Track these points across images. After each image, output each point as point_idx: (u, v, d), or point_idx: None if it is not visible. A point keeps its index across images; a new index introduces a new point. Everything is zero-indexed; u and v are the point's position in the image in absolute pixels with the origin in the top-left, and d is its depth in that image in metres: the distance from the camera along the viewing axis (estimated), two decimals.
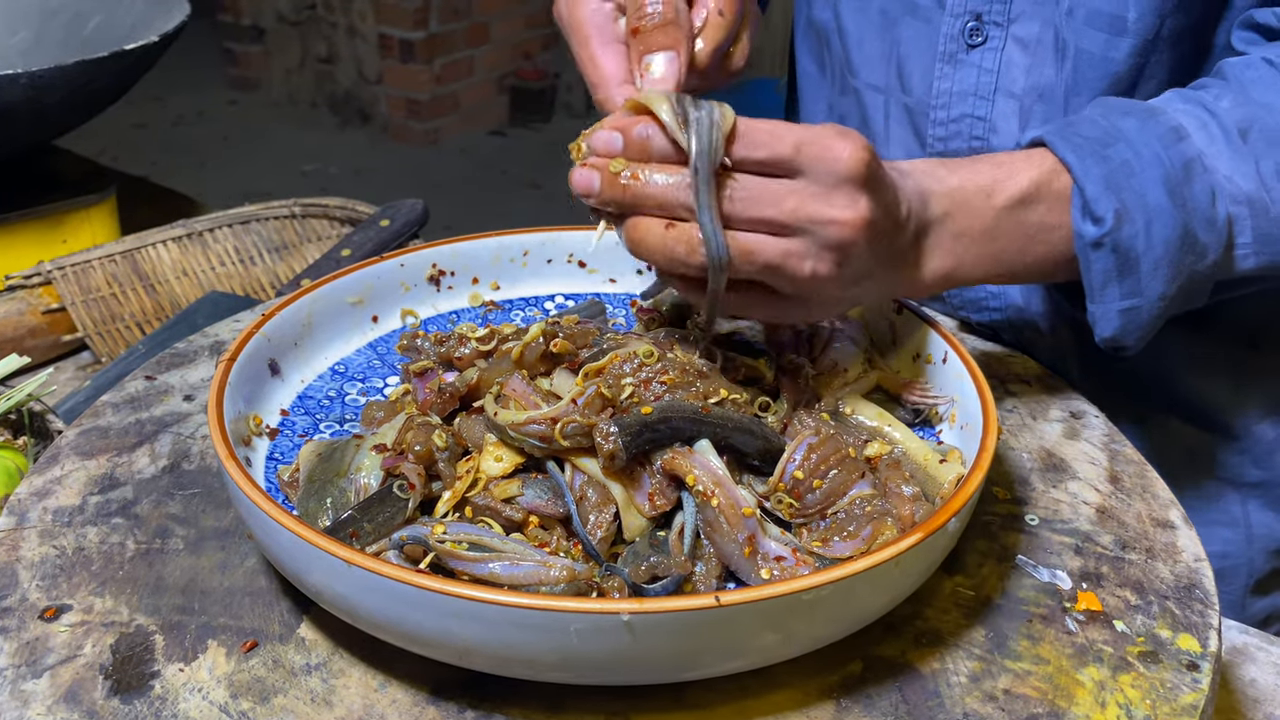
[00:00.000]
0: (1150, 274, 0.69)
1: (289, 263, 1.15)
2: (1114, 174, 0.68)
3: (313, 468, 0.64)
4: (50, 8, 1.31)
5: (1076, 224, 0.69)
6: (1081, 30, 0.78)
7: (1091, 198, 0.68)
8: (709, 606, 0.49)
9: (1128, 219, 0.68)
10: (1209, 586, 0.63)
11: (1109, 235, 0.68)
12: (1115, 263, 0.68)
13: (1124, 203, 0.68)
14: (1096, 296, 0.70)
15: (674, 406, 0.60)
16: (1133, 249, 0.68)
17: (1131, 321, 0.70)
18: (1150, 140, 0.69)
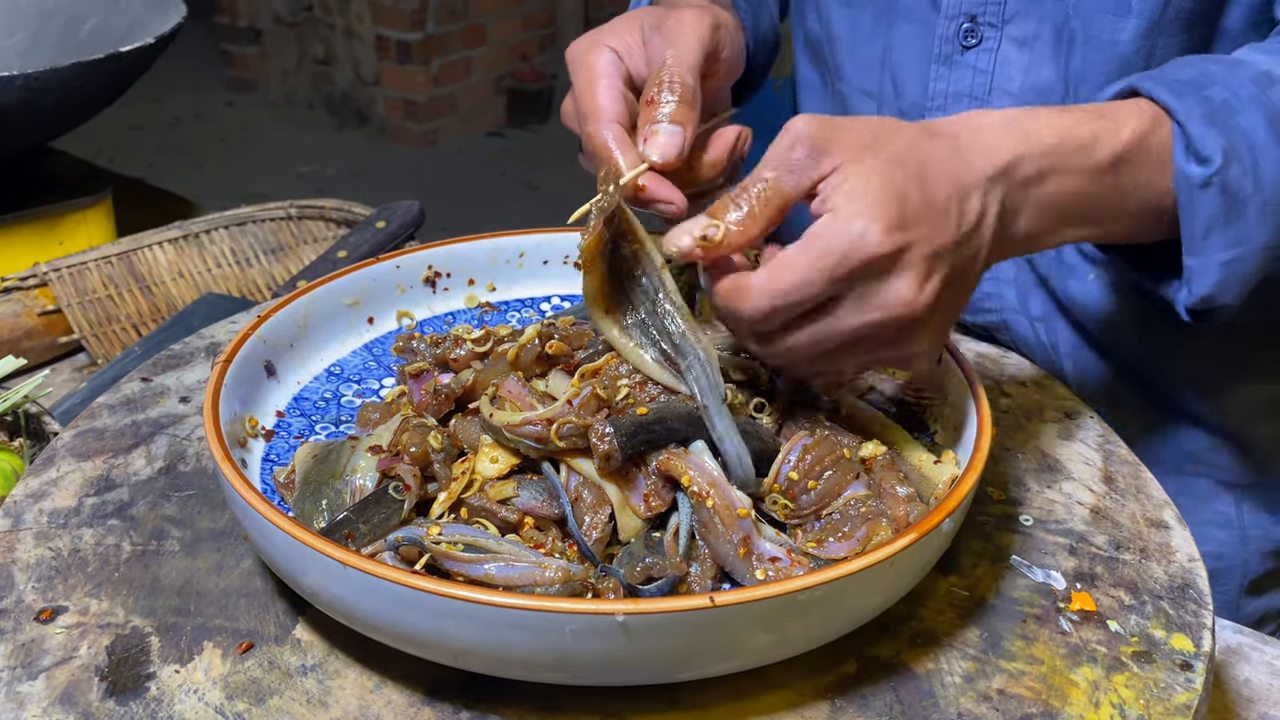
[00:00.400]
0: (1258, 219, 0.65)
1: (285, 264, 1.15)
2: (1216, 112, 0.64)
3: (308, 469, 0.64)
4: (47, 9, 1.31)
5: (1180, 166, 0.64)
6: (1090, 16, 0.78)
7: (1196, 136, 0.64)
8: (704, 607, 0.50)
9: (1235, 158, 0.64)
10: (1203, 586, 0.63)
11: (1217, 174, 0.63)
12: (1222, 206, 0.64)
13: (1230, 141, 0.64)
14: (1197, 246, 0.65)
15: (669, 408, 0.60)
16: (1241, 190, 0.64)
17: (1233, 274, 0.66)
18: (1244, 82, 0.66)
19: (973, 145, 0.60)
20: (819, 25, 0.95)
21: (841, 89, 0.93)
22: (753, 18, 0.90)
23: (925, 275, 0.56)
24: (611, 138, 0.66)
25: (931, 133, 0.59)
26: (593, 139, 0.66)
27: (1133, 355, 0.88)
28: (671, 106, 0.65)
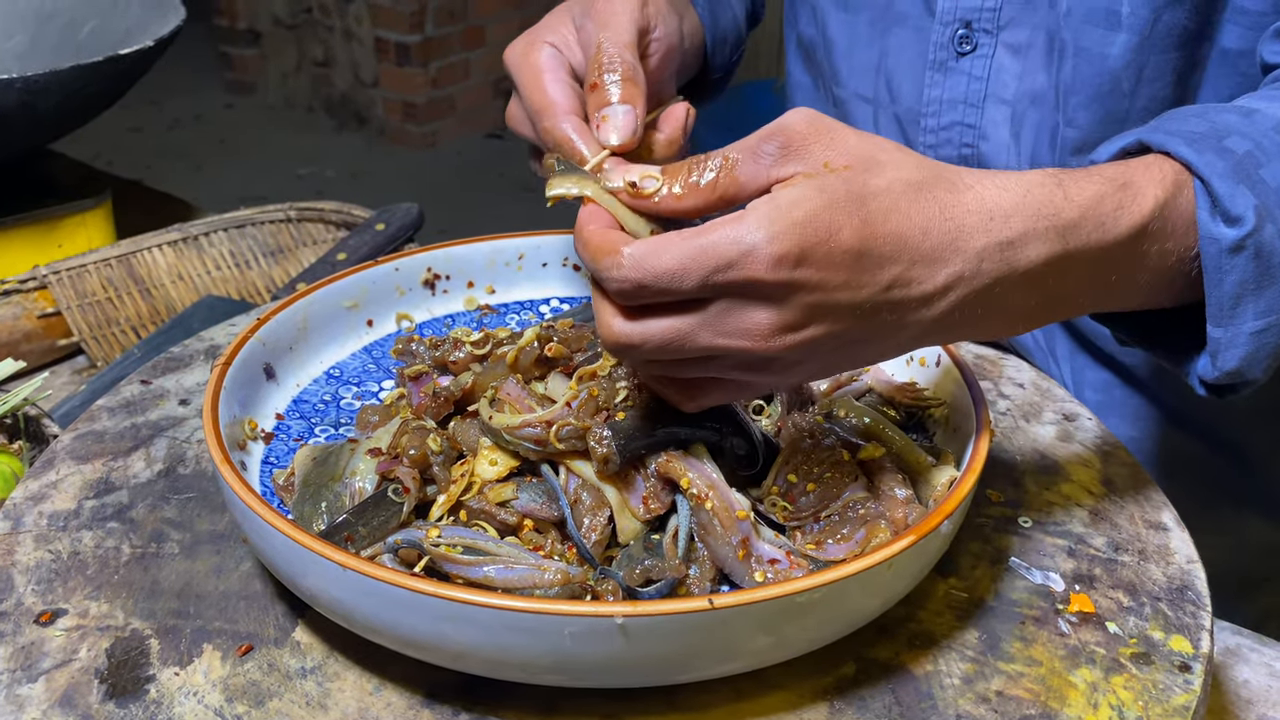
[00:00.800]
0: None
1: (284, 267, 1.15)
2: (1241, 166, 0.57)
3: (308, 472, 0.64)
4: (45, 12, 1.31)
5: (1207, 228, 0.57)
6: (1080, 28, 0.78)
7: (1223, 195, 0.57)
8: (703, 609, 0.50)
9: (1269, 217, 0.57)
10: (1201, 588, 0.63)
11: (1250, 237, 0.56)
12: (1255, 271, 0.57)
13: (1261, 199, 0.57)
14: (1225, 317, 0.58)
15: (668, 410, 0.60)
16: (1276, 253, 0.57)
17: (1263, 347, 0.59)
18: (1266, 131, 0.60)
19: (977, 207, 0.53)
20: (815, 30, 0.95)
21: (838, 93, 0.93)
22: (710, 15, 0.89)
23: (797, 323, 0.51)
24: (571, 129, 0.63)
25: (933, 184, 0.53)
26: (551, 133, 0.64)
27: (1127, 363, 0.88)
28: (617, 87, 0.63)
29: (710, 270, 0.49)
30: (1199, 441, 0.89)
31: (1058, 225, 0.54)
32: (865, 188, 0.51)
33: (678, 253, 0.50)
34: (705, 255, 0.49)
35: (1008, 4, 0.81)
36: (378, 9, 4.11)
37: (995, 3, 0.82)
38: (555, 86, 0.66)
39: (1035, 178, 0.55)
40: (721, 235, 0.49)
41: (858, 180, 0.51)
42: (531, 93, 0.67)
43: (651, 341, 0.52)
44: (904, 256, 0.51)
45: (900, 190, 0.51)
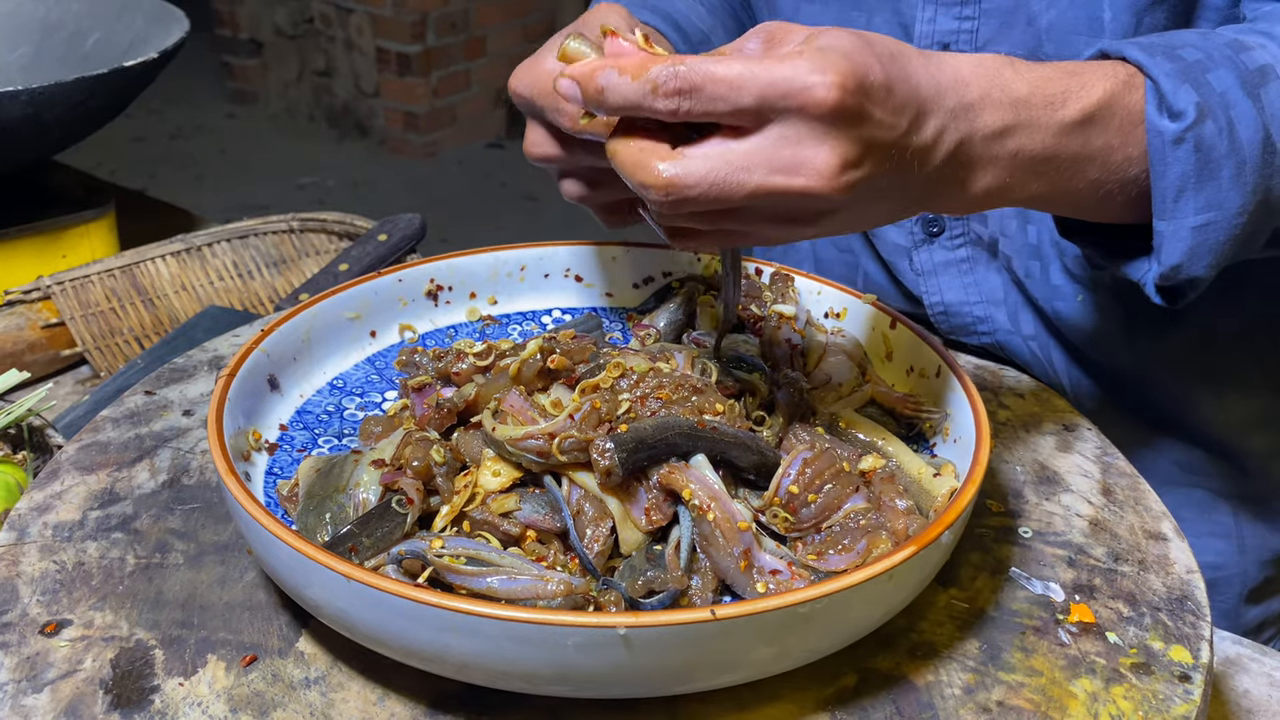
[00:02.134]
0: (1231, 181, 0.62)
1: (287, 277, 1.16)
2: (1189, 69, 0.62)
3: (312, 483, 0.64)
4: (50, 24, 1.32)
5: (1153, 120, 0.61)
6: (1064, 39, 0.78)
7: (1168, 91, 0.61)
8: (705, 620, 0.50)
9: (1210, 114, 0.61)
10: (1201, 598, 0.64)
11: (1191, 130, 0.61)
12: (1196, 164, 0.61)
13: (1204, 97, 0.61)
14: (1169, 210, 0.62)
15: (670, 423, 0.61)
16: (1215, 148, 0.61)
17: (1204, 241, 0.63)
18: (1218, 45, 0.64)
19: (943, 71, 0.56)
20: None
21: None
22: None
23: (855, 159, 0.51)
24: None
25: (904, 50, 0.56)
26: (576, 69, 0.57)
27: (1124, 371, 0.88)
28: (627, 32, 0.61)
29: (768, 84, 0.49)
30: (1194, 449, 0.89)
31: (1009, 97, 0.58)
32: (866, 35, 0.53)
33: (735, 62, 0.49)
34: (763, 71, 0.49)
35: (984, 25, 0.82)
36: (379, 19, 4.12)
37: (972, 24, 0.82)
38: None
39: (988, 57, 0.59)
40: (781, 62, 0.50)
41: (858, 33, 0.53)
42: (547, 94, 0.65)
43: (710, 176, 0.51)
44: (915, 98, 0.54)
45: (886, 49, 0.54)
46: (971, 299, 0.89)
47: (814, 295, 0.83)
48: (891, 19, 0.85)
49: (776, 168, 0.51)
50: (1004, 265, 0.88)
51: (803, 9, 0.89)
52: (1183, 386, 0.88)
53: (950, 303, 0.90)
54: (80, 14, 1.31)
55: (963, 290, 0.89)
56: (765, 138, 0.51)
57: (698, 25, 0.94)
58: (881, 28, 0.86)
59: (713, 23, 0.96)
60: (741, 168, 0.51)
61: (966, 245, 0.88)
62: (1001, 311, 0.90)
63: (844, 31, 0.53)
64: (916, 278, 0.91)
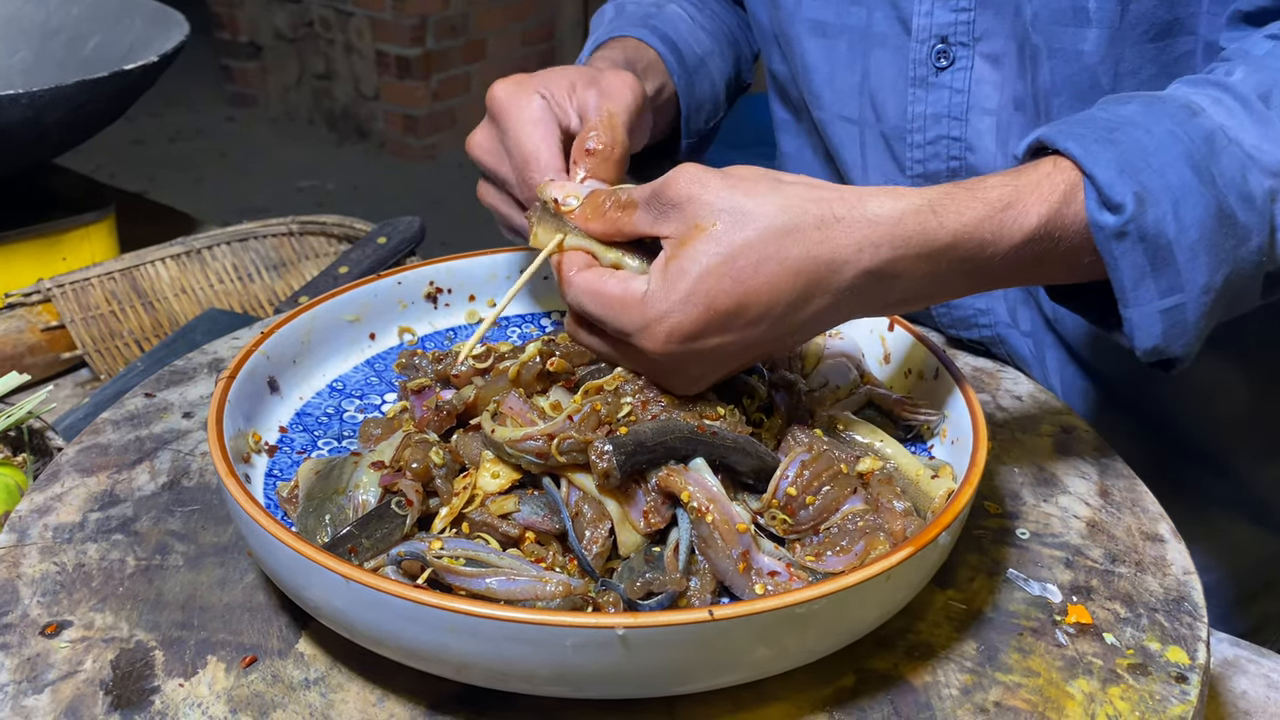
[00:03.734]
0: (1188, 263, 0.60)
1: (287, 280, 1.16)
2: (1126, 155, 0.60)
3: (311, 485, 0.64)
4: (50, 28, 1.32)
5: (1093, 217, 0.60)
6: (1050, 30, 0.78)
7: (1104, 184, 0.60)
8: (703, 620, 0.50)
9: (1151, 201, 0.60)
10: (1197, 599, 0.64)
11: (1132, 222, 0.59)
12: (1145, 254, 0.60)
13: (1143, 184, 0.60)
14: (1130, 298, 0.61)
15: (669, 426, 0.61)
16: (1162, 234, 0.60)
17: (1176, 324, 0.62)
18: (1161, 119, 0.62)
19: (847, 239, 0.57)
20: (785, 67, 0.97)
21: (820, 116, 0.94)
22: (687, 84, 0.95)
23: (699, 377, 0.62)
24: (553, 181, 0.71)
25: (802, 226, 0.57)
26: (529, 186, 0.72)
27: (1117, 374, 0.89)
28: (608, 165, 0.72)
29: (618, 328, 0.61)
30: (1187, 453, 0.89)
31: (929, 251, 0.59)
32: (733, 245, 0.57)
33: (602, 303, 0.61)
34: (617, 315, 0.61)
35: (981, 15, 0.82)
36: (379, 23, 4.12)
37: (969, 16, 0.82)
38: (546, 141, 0.72)
39: (913, 204, 0.59)
40: (630, 304, 0.60)
41: (726, 238, 0.57)
42: (521, 140, 0.73)
43: (586, 347, 0.66)
44: (780, 301, 0.58)
45: (770, 238, 0.57)
46: None
47: None
48: (890, 13, 0.85)
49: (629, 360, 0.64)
50: None
51: (804, 4, 0.90)
52: (1174, 391, 0.88)
53: None
54: (80, 18, 1.31)
55: None
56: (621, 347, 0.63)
57: (695, 50, 0.97)
58: (881, 22, 0.86)
59: (711, 47, 0.99)
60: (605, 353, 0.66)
61: None
62: (1001, 305, 0.90)
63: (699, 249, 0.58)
64: None
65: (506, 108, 0.74)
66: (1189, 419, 0.89)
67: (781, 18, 0.92)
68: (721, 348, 0.60)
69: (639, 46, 0.92)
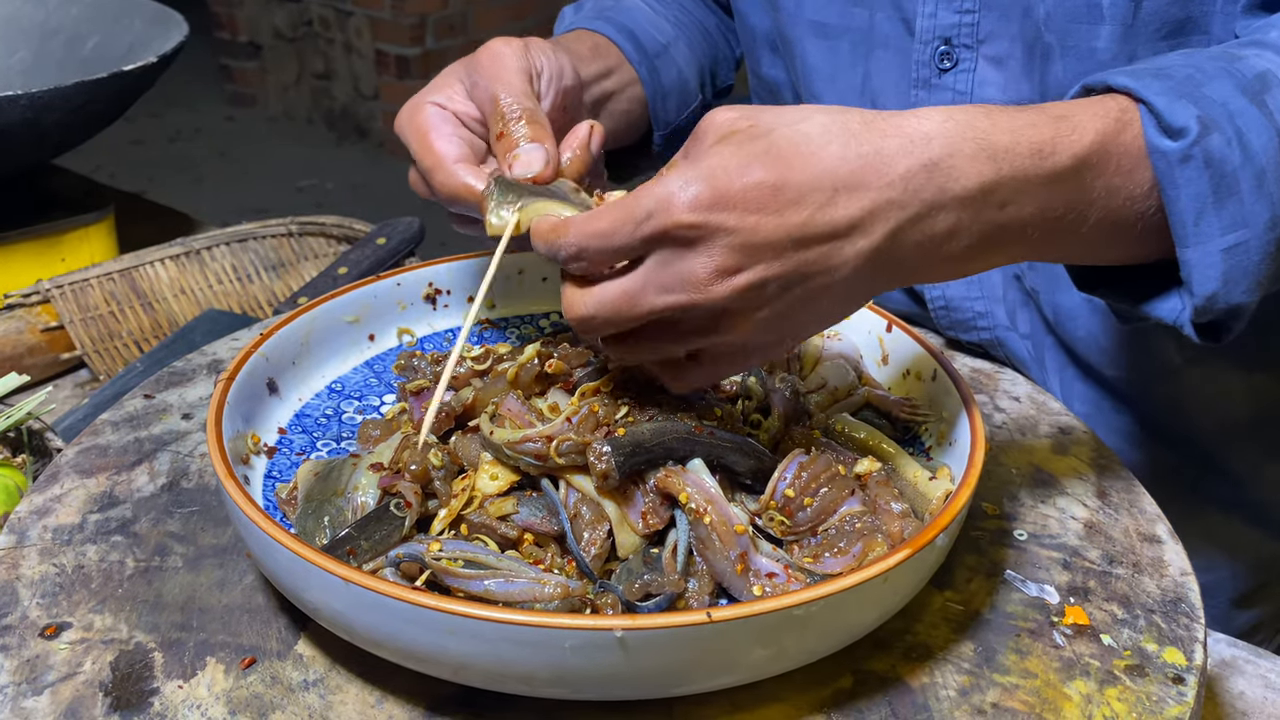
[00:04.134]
0: (1253, 193, 0.57)
1: (286, 280, 1.16)
2: (1183, 85, 0.57)
3: (310, 487, 0.64)
4: (49, 28, 1.32)
5: (1154, 143, 0.56)
6: (1064, 27, 0.77)
7: (1164, 109, 0.56)
8: (701, 622, 0.50)
9: (1215, 126, 0.56)
10: (1195, 600, 0.64)
11: (1196, 144, 0.56)
12: (1210, 181, 0.56)
13: (1204, 110, 0.57)
14: (1191, 234, 0.57)
15: (667, 427, 0.61)
16: (1228, 160, 0.56)
17: (1238, 264, 0.57)
18: (1208, 59, 0.60)
19: (888, 138, 0.53)
20: (778, 71, 0.96)
21: None
22: (649, 71, 0.93)
23: (733, 266, 0.52)
24: (465, 173, 0.68)
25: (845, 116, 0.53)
26: (446, 185, 0.68)
27: (1114, 376, 0.89)
28: (522, 127, 0.67)
29: (638, 220, 0.52)
30: (1183, 455, 0.90)
31: (987, 148, 0.54)
32: (772, 130, 0.52)
33: (608, 213, 0.54)
34: (630, 210, 0.53)
35: (985, 17, 0.82)
36: (378, 22, 4.12)
37: (973, 18, 0.82)
38: (442, 141, 0.70)
39: (960, 108, 0.55)
40: (644, 190, 0.53)
41: (764, 126, 0.53)
42: (421, 153, 0.70)
43: (605, 307, 0.55)
44: (824, 183, 0.52)
45: (812, 126, 0.53)
46: (972, 294, 0.90)
47: None
48: (893, 14, 0.85)
49: (661, 288, 0.54)
50: None
51: (806, 5, 0.90)
52: (1172, 393, 0.88)
53: (951, 297, 0.90)
54: (79, 18, 1.31)
55: (964, 285, 0.90)
56: (648, 265, 0.54)
57: (656, 38, 0.95)
58: (884, 23, 0.86)
59: (674, 35, 0.98)
60: (632, 295, 0.55)
61: None
62: (1000, 308, 0.90)
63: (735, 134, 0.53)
64: None
65: (407, 132, 0.71)
66: (1187, 421, 0.89)
67: (782, 19, 0.92)
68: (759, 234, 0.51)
69: (589, 35, 0.91)
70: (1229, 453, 0.90)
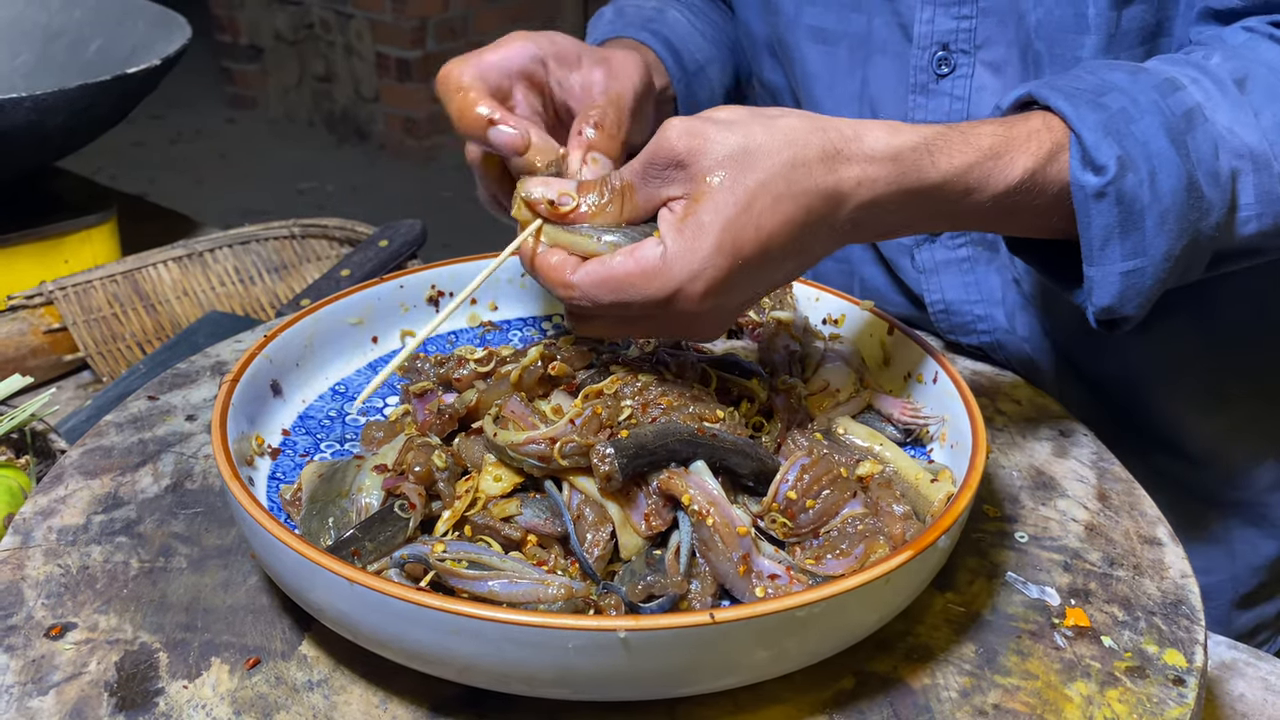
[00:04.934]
0: (1155, 230, 0.64)
1: (288, 282, 1.16)
2: (1113, 120, 0.64)
3: (315, 488, 0.65)
4: (52, 31, 1.32)
5: (1076, 175, 0.64)
6: (1052, 36, 0.78)
7: (1091, 145, 0.63)
8: (704, 624, 0.50)
9: (1131, 167, 0.63)
10: (1195, 602, 0.64)
11: (1112, 184, 0.63)
12: (1118, 216, 0.64)
13: (1126, 150, 0.63)
14: (1095, 257, 0.65)
15: (670, 429, 0.61)
16: (1137, 200, 0.64)
17: (1133, 286, 0.66)
18: (1145, 89, 0.66)
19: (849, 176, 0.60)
20: (778, 76, 0.97)
21: None
22: (685, 86, 0.94)
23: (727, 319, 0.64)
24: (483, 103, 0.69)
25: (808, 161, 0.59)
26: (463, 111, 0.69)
27: (1113, 378, 0.89)
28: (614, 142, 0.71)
29: (650, 297, 0.59)
30: (1181, 458, 0.90)
31: (919, 189, 0.62)
32: (748, 189, 0.58)
33: (622, 286, 0.59)
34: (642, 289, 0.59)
35: (982, 23, 0.82)
36: (379, 25, 4.13)
37: (970, 24, 0.82)
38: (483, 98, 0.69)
39: (909, 141, 0.62)
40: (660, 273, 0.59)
41: (740, 184, 0.58)
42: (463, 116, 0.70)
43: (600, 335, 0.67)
44: (796, 235, 0.59)
45: (780, 174, 0.59)
46: (971, 298, 0.90)
47: (812, 302, 0.84)
48: (891, 19, 0.86)
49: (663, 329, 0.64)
50: (1004, 264, 0.89)
51: (805, 11, 0.90)
52: (1171, 394, 0.88)
53: (951, 301, 0.91)
54: (82, 21, 1.31)
55: (963, 289, 0.90)
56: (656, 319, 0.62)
57: (695, 56, 0.96)
58: (882, 29, 0.87)
59: (711, 54, 0.98)
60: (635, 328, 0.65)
61: (968, 244, 0.89)
62: (1000, 311, 0.90)
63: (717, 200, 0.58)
64: (918, 276, 0.91)
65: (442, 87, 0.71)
66: (1186, 423, 0.89)
67: (780, 24, 0.92)
68: (748, 289, 0.61)
69: (639, 47, 0.92)
70: (1229, 454, 0.90)
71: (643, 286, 0.59)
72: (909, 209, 0.63)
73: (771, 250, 0.59)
